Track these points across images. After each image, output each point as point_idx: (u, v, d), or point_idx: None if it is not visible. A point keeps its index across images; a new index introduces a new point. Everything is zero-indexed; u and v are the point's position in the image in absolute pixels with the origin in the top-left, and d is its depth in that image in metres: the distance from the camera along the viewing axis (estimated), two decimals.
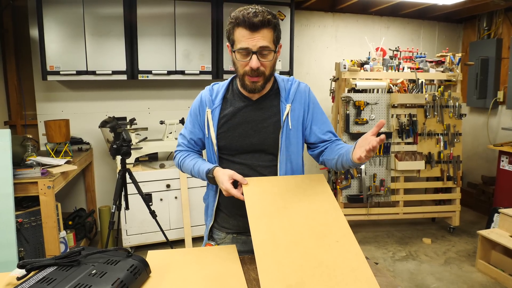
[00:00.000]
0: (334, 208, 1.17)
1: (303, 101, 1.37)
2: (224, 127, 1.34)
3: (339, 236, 1.06)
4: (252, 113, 1.33)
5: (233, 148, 1.34)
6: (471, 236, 3.75)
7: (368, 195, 3.60)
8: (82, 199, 3.82)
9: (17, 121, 3.56)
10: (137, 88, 3.80)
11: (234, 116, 1.33)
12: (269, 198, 1.18)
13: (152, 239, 3.33)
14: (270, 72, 1.27)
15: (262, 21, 1.17)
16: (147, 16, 3.34)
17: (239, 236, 1.42)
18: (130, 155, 2.72)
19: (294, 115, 1.35)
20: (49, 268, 0.97)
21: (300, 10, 4.25)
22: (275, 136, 1.33)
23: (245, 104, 1.34)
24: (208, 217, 1.47)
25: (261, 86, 1.27)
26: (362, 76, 3.58)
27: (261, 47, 1.19)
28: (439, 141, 3.71)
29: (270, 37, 1.21)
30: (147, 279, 1.03)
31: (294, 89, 1.37)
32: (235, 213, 1.40)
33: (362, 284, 0.92)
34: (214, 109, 1.35)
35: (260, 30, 1.18)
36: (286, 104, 1.34)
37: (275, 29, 1.23)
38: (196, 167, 1.35)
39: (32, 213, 2.58)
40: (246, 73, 1.24)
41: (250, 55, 1.20)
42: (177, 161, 1.46)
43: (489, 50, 4.41)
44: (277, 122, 1.33)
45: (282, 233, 1.05)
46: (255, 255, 0.99)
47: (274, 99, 1.36)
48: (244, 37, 1.19)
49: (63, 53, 3.17)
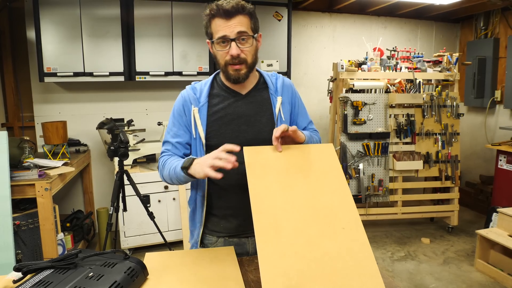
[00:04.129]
0: (341, 186, 1.10)
1: (290, 94, 1.37)
2: (215, 124, 1.28)
3: (346, 221, 1.01)
4: (244, 107, 1.30)
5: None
6: (469, 236, 3.75)
7: (366, 195, 3.60)
8: (80, 201, 3.80)
9: (14, 123, 3.55)
10: (135, 90, 3.80)
11: (225, 112, 1.29)
12: (273, 174, 1.10)
13: (150, 241, 3.32)
14: (252, 60, 1.24)
15: (236, 7, 1.17)
16: (144, 17, 3.33)
17: (231, 239, 1.35)
18: (127, 156, 2.71)
19: (284, 107, 1.34)
20: (45, 271, 0.96)
21: (298, 10, 4.26)
22: (270, 129, 1.25)
23: (235, 99, 1.30)
24: (196, 223, 1.38)
25: (245, 74, 1.24)
26: (360, 76, 3.59)
27: (239, 33, 1.18)
28: (437, 141, 3.71)
29: (247, 23, 1.21)
30: (145, 281, 1.02)
31: (280, 83, 1.36)
32: (227, 214, 1.34)
33: (366, 278, 0.89)
34: (201, 107, 1.29)
35: (235, 16, 1.18)
36: (277, 97, 1.33)
37: (251, 16, 1.22)
38: (173, 165, 1.23)
39: (29, 215, 2.57)
40: (227, 63, 1.22)
41: (229, 43, 1.19)
42: (159, 168, 1.32)
43: (486, 50, 4.42)
44: (271, 115, 1.31)
45: (285, 218, 1.00)
46: (256, 243, 0.94)
47: (264, 92, 1.34)
48: (220, 26, 1.18)
49: (60, 54, 3.16)
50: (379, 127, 3.61)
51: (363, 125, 3.57)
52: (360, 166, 3.58)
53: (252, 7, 1.24)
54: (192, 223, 1.42)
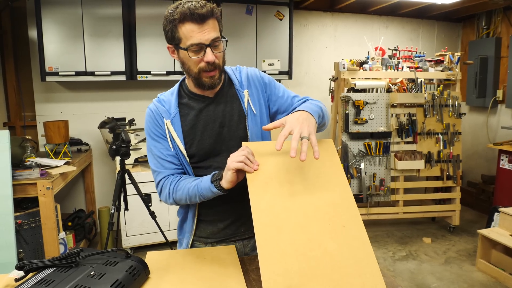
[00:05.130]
0: (342, 183, 1.09)
1: (257, 83, 1.32)
2: (190, 134, 1.25)
3: (346, 219, 1.00)
4: (215, 110, 1.27)
5: (206, 152, 1.25)
6: (471, 235, 3.75)
7: (368, 194, 3.60)
8: (82, 200, 3.81)
9: (16, 122, 3.56)
10: (136, 89, 3.80)
11: (198, 120, 1.25)
12: (273, 170, 1.09)
13: (152, 240, 3.32)
14: (223, 63, 1.22)
15: (210, 11, 1.11)
16: (146, 16, 3.33)
17: (219, 244, 1.34)
18: (129, 155, 2.72)
19: (254, 99, 1.30)
20: (47, 269, 0.97)
21: (299, 10, 4.25)
22: (243, 125, 1.27)
23: (205, 104, 1.27)
24: (186, 233, 1.35)
25: (218, 79, 1.21)
26: (361, 75, 3.58)
27: (213, 39, 1.13)
28: (439, 140, 3.71)
29: (217, 27, 1.16)
30: (146, 280, 1.03)
31: (245, 75, 1.32)
32: (215, 219, 1.32)
33: (366, 276, 0.89)
34: (173, 119, 1.24)
35: (207, 21, 1.12)
36: (243, 91, 1.29)
37: (218, 19, 1.17)
38: (192, 185, 1.18)
39: (31, 214, 2.58)
40: (201, 70, 1.17)
41: (203, 49, 1.13)
42: (168, 190, 1.24)
43: (488, 49, 4.41)
44: (241, 112, 1.28)
45: (285, 215, 0.99)
46: (256, 241, 0.93)
47: (230, 90, 1.30)
48: (193, 32, 1.11)
49: (62, 54, 3.17)
50: (381, 126, 3.60)
51: (365, 124, 3.57)
52: (362, 166, 3.57)
53: (220, 9, 1.18)
54: (180, 232, 1.39)
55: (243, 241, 1.35)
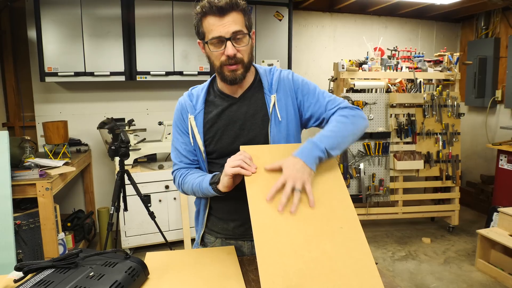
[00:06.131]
0: (339, 185, 1.10)
1: (287, 88, 1.27)
2: (211, 132, 1.25)
3: (344, 221, 1.01)
4: (238, 111, 1.25)
5: (224, 152, 1.25)
6: (470, 235, 3.75)
7: (367, 195, 3.60)
8: (81, 200, 3.81)
9: (15, 123, 3.56)
10: (136, 89, 3.80)
11: (219, 119, 1.25)
12: (271, 173, 1.09)
13: (151, 240, 3.32)
14: (248, 59, 1.19)
15: (230, 4, 1.10)
16: (145, 17, 3.33)
17: (228, 241, 1.35)
18: (128, 156, 2.71)
19: (282, 105, 1.25)
20: (46, 270, 0.97)
21: (298, 10, 4.25)
22: (265, 131, 1.24)
23: (228, 104, 1.26)
24: (199, 224, 1.40)
25: (242, 74, 1.18)
26: (361, 76, 3.58)
27: (234, 32, 1.12)
28: (438, 141, 3.71)
29: (241, 20, 1.14)
30: (145, 281, 1.03)
31: (276, 78, 1.28)
32: (226, 217, 1.33)
33: (364, 277, 0.90)
34: (197, 115, 1.26)
35: (229, 13, 1.11)
36: (271, 95, 1.25)
37: (244, 12, 1.15)
38: (197, 181, 1.23)
39: (30, 215, 2.58)
40: (223, 64, 1.16)
41: (224, 43, 1.12)
42: (178, 182, 1.32)
43: (487, 49, 4.41)
44: (265, 116, 1.25)
45: (283, 217, 1.00)
46: (254, 242, 0.94)
47: (258, 92, 1.27)
48: (214, 25, 1.11)
49: (61, 54, 3.16)
50: (380, 126, 3.61)
51: None
52: (361, 166, 3.58)
53: (245, 3, 1.17)
54: (196, 222, 1.43)
55: (251, 242, 1.35)
